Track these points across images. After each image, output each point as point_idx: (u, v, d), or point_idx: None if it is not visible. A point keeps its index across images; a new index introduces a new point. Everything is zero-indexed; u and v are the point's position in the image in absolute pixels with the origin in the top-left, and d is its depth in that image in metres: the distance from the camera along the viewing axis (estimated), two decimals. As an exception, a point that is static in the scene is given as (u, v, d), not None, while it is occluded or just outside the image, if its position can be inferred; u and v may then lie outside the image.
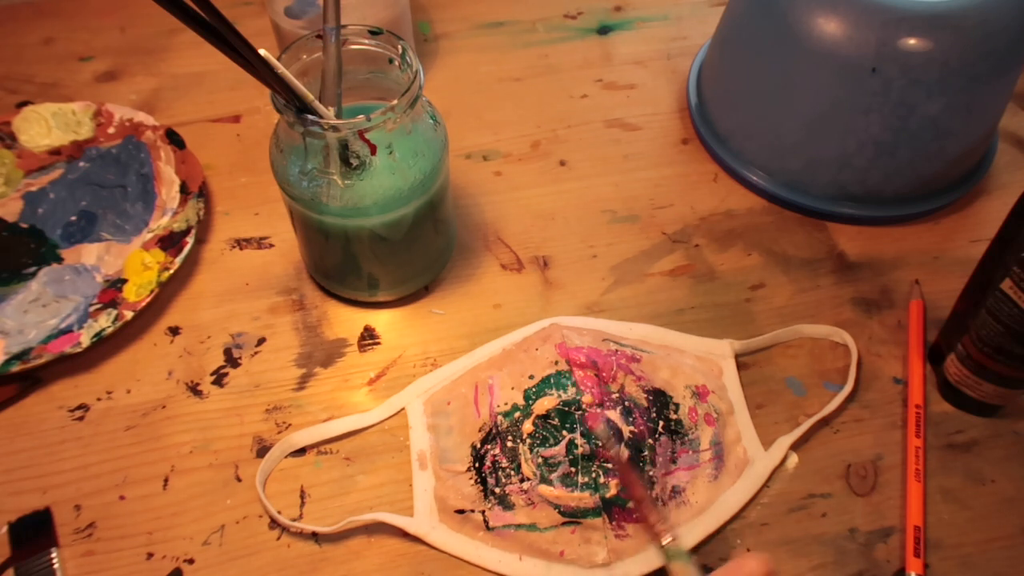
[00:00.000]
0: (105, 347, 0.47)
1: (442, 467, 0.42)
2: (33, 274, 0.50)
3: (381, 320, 0.49)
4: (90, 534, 0.41)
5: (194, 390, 0.46)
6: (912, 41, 0.46)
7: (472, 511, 0.41)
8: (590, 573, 0.39)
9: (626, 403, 0.42)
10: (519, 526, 0.40)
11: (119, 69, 0.63)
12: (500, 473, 0.41)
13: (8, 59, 0.63)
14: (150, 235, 0.51)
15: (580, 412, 0.41)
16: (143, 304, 0.47)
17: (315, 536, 0.41)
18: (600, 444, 0.40)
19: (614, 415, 0.41)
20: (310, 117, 0.39)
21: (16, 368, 0.45)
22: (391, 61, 0.43)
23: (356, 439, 0.45)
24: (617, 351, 0.45)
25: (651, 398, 0.43)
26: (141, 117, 0.56)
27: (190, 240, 0.50)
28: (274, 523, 0.42)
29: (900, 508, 0.42)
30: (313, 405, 0.46)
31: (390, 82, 0.44)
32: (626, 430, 0.41)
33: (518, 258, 0.52)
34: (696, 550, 0.41)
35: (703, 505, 0.41)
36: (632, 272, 0.51)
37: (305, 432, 0.44)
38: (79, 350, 0.46)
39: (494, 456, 0.42)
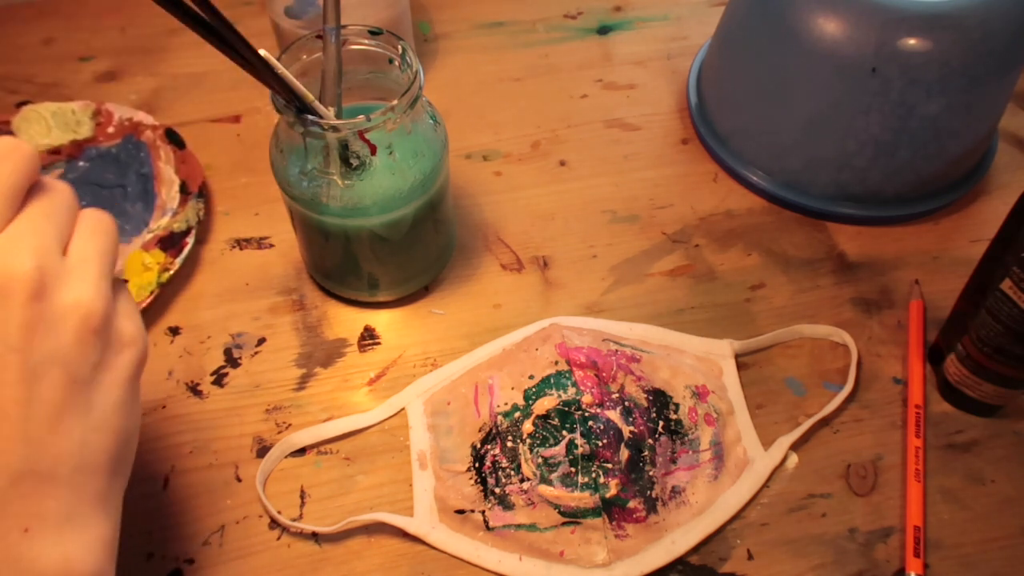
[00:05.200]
0: (105, 347, 0.47)
1: (442, 467, 0.42)
2: (33, 274, 0.50)
3: (381, 320, 0.49)
4: (90, 534, 0.41)
5: (194, 390, 0.46)
6: (912, 41, 0.46)
7: (472, 511, 0.41)
8: (590, 573, 0.39)
9: (626, 403, 0.42)
10: (519, 526, 0.40)
11: (119, 69, 0.63)
12: (500, 473, 0.41)
13: (8, 59, 0.63)
14: (150, 235, 0.51)
15: (580, 412, 0.41)
16: (143, 304, 0.47)
17: (315, 536, 0.41)
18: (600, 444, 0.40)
19: (614, 415, 0.41)
20: (310, 117, 0.39)
21: (16, 368, 0.45)
22: (391, 61, 0.43)
23: (356, 439, 0.45)
24: (617, 351, 0.45)
25: (651, 398, 0.43)
26: (141, 117, 0.56)
27: (190, 240, 0.50)
28: (274, 523, 0.42)
29: (900, 508, 0.42)
30: (313, 405, 0.46)
31: (390, 82, 0.44)
32: (626, 430, 0.41)
33: (518, 258, 0.52)
34: (696, 550, 0.41)
35: (703, 505, 0.42)
36: (632, 272, 0.51)
37: (305, 432, 0.44)
38: (79, 350, 0.46)
39: (494, 456, 0.42)
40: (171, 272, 0.49)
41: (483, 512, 0.41)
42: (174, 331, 0.49)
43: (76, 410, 0.28)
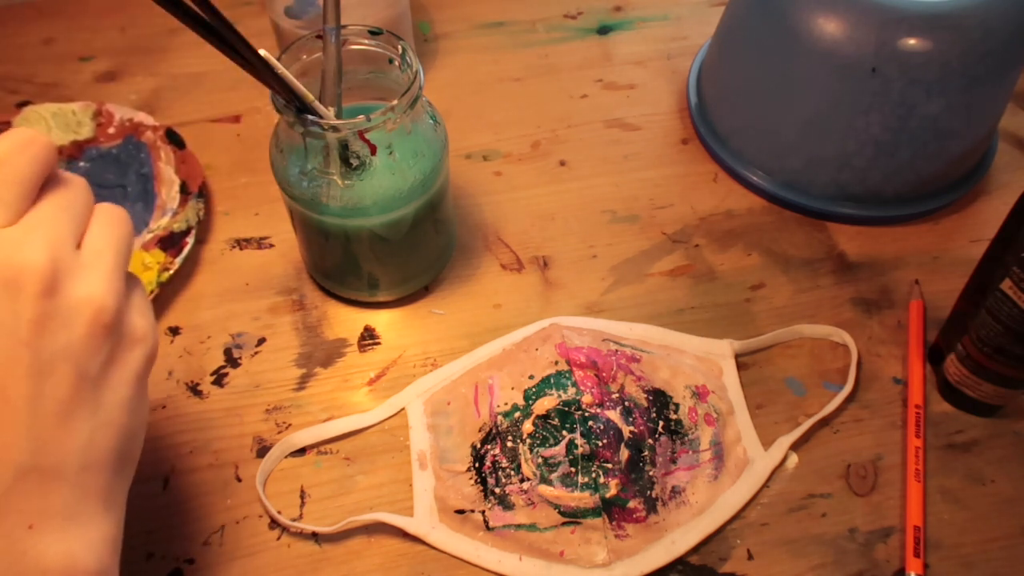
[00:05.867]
0: (105, 347, 0.47)
1: (442, 467, 0.42)
2: (33, 274, 0.50)
3: (381, 320, 0.49)
4: (90, 534, 0.41)
5: (194, 390, 0.46)
6: (912, 41, 0.46)
7: (472, 511, 0.41)
8: (590, 573, 0.39)
9: (626, 403, 0.42)
10: (519, 526, 0.40)
11: (119, 69, 0.63)
12: (500, 473, 0.41)
13: (8, 59, 0.63)
14: (150, 235, 0.51)
15: (580, 412, 0.41)
16: (143, 304, 0.47)
17: (315, 536, 0.41)
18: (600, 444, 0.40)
19: (614, 415, 0.41)
20: (310, 117, 0.39)
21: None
22: (391, 61, 0.43)
23: (356, 439, 0.45)
24: (617, 351, 0.45)
25: (651, 398, 0.43)
26: (141, 117, 0.56)
27: (190, 240, 0.50)
28: (274, 523, 0.42)
29: (900, 508, 0.42)
30: (313, 405, 0.46)
31: (390, 82, 0.44)
32: (626, 430, 0.41)
33: (518, 258, 0.52)
34: (696, 550, 0.41)
35: (703, 505, 0.42)
36: (632, 272, 0.51)
37: (305, 432, 0.44)
38: (79, 350, 0.46)
39: (494, 456, 0.42)
40: (171, 272, 0.49)
41: (483, 512, 0.41)
42: (174, 331, 0.49)
43: (84, 407, 0.28)
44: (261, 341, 0.48)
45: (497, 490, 0.41)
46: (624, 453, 0.41)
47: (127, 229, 0.31)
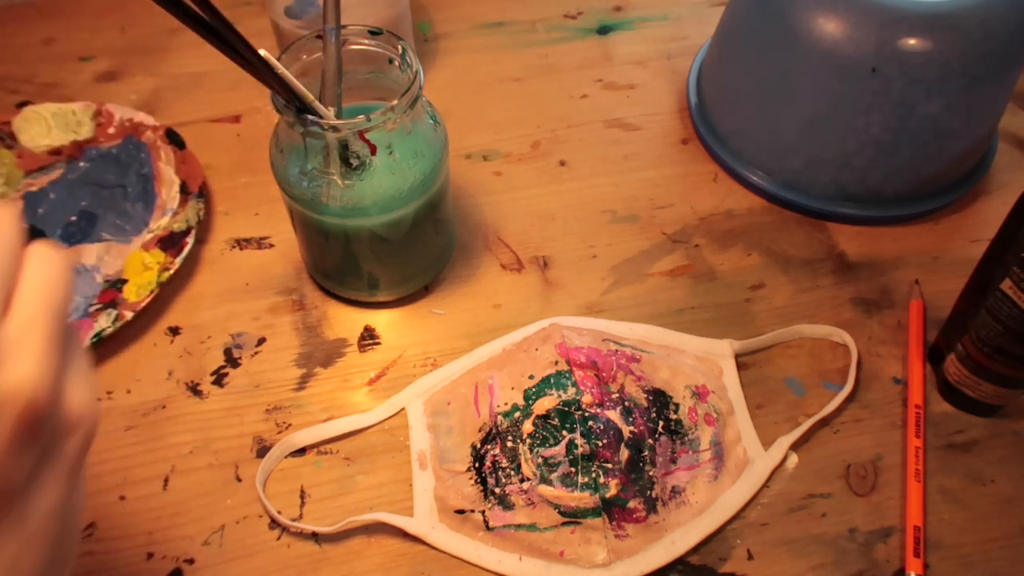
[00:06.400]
0: (105, 347, 0.47)
1: (442, 467, 0.42)
2: (33, 274, 0.50)
3: (381, 320, 0.49)
4: (90, 534, 0.41)
5: (194, 390, 0.46)
6: (912, 41, 0.46)
7: (472, 511, 0.41)
8: (590, 573, 0.39)
9: (626, 403, 0.42)
10: (519, 526, 0.40)
11: (119, 69, 0.63)
12: (500, 473, 0.41)
13: (8, 59, 0.63)
14: (150, 235, 0.51)
15: (580, 412, 0.41)
16: (143, 304, 0.47)
17: (315, 536, 0.41)
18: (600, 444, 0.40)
19: (614, 415, 0.41)
20: (310, 117, 0.39)
21: (16, 368, 0.45)
22: (391, 61, 0.43)
23: (356, 439, 0.45)
24: (617, 351, 0.45)
25: (651, 398, 0.43)
26: (141, 117, 0.56)
27: (190, 240, 0.50)
28: (274, 523, 0.42)
29: (900, 508, 0.42)
30: (313, 405, 0.46)
31: (390, 82, 0.44)
32: (626, 430, 0.41)
33: (518, 258, 0.52)
34: (696, 550, 0.41)
35: (703, 505, 0.42)
36: (632, 272, 0.51)
37: (305, 432, 0.44)
38: (79, 350, 0.46)
39: (494, 456, 0.42)
40: (171, 272, 0.49)
41: (483, 512, 0.41)
42: (174, 331, 0.49)
43: (6, 526, 0.23)
44: (261, 341, 0.48)
45: (497, 490, 0.41)
46: (624, 453, 0.41)
47: (66, 282, 0.24)
